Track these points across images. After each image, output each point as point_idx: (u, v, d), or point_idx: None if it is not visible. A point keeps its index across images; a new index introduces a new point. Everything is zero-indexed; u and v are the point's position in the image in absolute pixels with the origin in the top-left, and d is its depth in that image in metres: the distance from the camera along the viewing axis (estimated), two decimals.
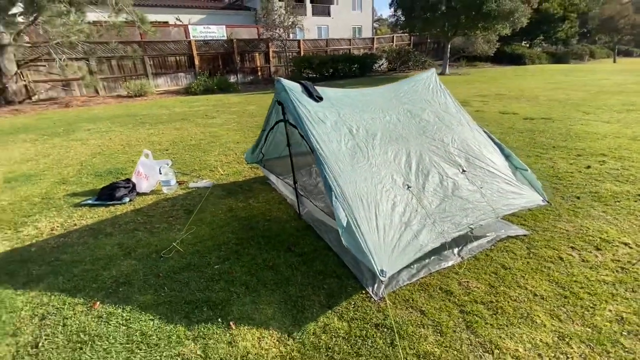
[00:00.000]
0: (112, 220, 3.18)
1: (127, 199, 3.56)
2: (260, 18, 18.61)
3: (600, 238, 2.63)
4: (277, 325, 1.86)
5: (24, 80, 12.14)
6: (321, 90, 2.73)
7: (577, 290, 2.07)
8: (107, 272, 2.39)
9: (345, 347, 1.71)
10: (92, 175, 4.45)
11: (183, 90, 15.81)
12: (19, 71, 11.48)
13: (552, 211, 3.08)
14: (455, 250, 2.50)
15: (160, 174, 3.81)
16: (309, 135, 2.32)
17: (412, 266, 2.31)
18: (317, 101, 2.60)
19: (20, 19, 10.70)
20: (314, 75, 18.94)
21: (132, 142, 6.17)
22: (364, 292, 2.10)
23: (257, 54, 19.18)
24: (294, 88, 2.58)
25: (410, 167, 2.47)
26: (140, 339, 1.78)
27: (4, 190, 3.99)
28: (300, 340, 1.76)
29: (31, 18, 10.37)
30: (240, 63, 18.67)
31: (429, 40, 26.76)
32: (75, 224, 3.13)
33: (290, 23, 18.50)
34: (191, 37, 18.25)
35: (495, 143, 2.97)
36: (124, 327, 1.87)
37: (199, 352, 1.70)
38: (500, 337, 1.75)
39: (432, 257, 2.38)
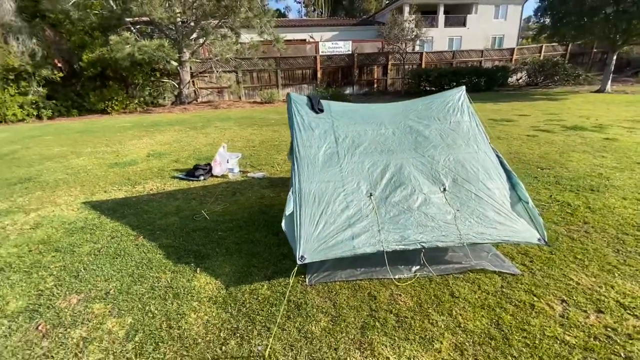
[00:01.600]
0: (184, 190, 4.37)
1: (202, 178, 4.75)
2: (382, 33, 19.18)
3: (617, 301, 2.12)
4: (224, 279, 2.42)
5: (194, 87, 16.33)
6: (327, 103, 3.12)
7: (514, 337, 1.85)
8: (159, 221, 3.44)
9: (254, 306, 2.12)
10: (196, 158, 5.97)
11: None
12: (191, 80, 15.56)
13: (579, 260, 2.56)
14: (414, 268, 2.49)
15: (228, 163, 4.89)
16: (293, 139, 2.78)
17: (357, 269, 2.48)
18: (318, 113, 3.01)
19: (200, 41, 14.53)
20: (432, 89, 18.32)
21: (236, 138, 7.76)
22: (303, 276, 2.43)
23: (375, 67, 19.91)
24: (299, 101, 3.06)
25: (382, 178, 2.60)
26: (145, 262, 2.65)
27: (143, 161, 5.87)
28: (230, 292, 2.27)
29: (202, 40, 13.96)
30: (358, 76, 19.75)
31: (594, 50, 21.87)
32: (164, 189, 4.46)
33: (413, 36, 18.45)
34: (320, 53, 20.46)
35: (505, 170, 2.70)
36: (142, 254, 2.79)
37: (168, 280, 2.43)
38: (383, 344, 1.82)
39: (383, 267, 2.45)
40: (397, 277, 2.40)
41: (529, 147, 6.05)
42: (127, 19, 12.62)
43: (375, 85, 20.26)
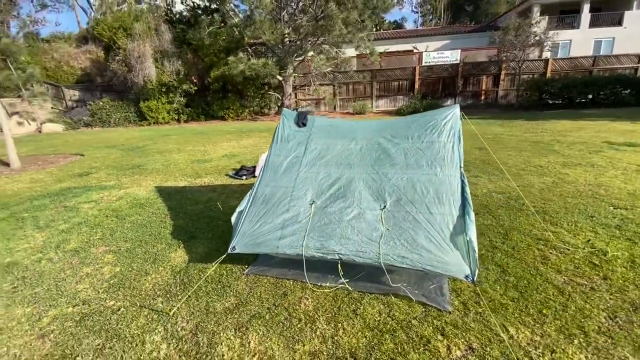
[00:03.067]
0: (225, 186, 5.26)
1: (244, 177, 5.60)
2: (494, 39, 17.27)
3: None
4: (192, 256, 3.02)
5: (295, 99, 18.21)
6: (312, 118, 3.40)
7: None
8: (189, 207, 4.35)
9: (194, 279, 2.63)
10: (255, 161, 6.94)
11: (395, 111, 17.73)
12: (292, 92, 17.44)
13: (541, 316, 2.14)
14: (342, 280, 2.54)
15: None
16: (269, 148, 3.20)
17: (289, 270, 2.69)
18: (300, 127, 3.34)
19: (301, 57, 16.24)
20: (556, 102, 15.46)
21: None
22: (247, 266, 2.81)
23: (484, 77, 18.07)
24: (288, 116, 3.44)
25: (330, 189, 2.76)
26: (155, 234, 3.50)
27: (216, 160, 7.19)
28: (187, 266, 2.85)
29: (302, 57, 15.54)
30: (463, 86, 18.29)
31: None
32: (213, 183, 5.47)
33: (533, 41, 16.00)
34: (423, 63, 19.82)
35: (464, 197, 2.46)
36: (159, 228, 3.66)
37: (159, 249, 3.18)
38: (257, 332, 2.05)
39: (314, 273, 2.60)
40: (319, 284, 2.53)
41: (625, 180, 4.76)
42: (248, 42, 15.20)
43: (483, 97, 18.36)
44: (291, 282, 2.58)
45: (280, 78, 15.90)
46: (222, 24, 14.49)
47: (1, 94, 15.15)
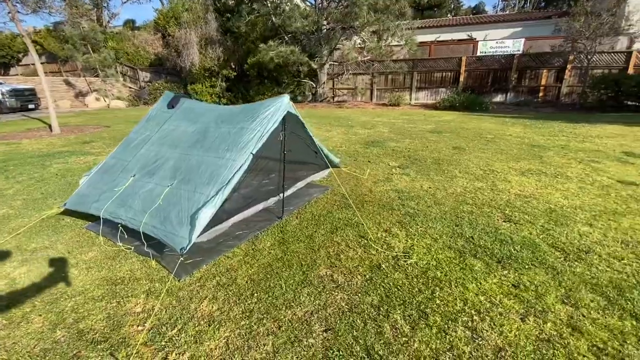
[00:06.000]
0: None
1: None
2: (559, 27, 14.81)
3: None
4: (65, 210, 3.70)
5: (330, 87, 18.31)
6: (183, 101, 3.74)
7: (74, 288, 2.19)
8: None
9: (46, 224, 3.29)
10: None
11: (433, 104, 16.61)
12: (326, 81, 17.57)
13: (266, 313, 2.25)
14: (136, 242, 2.89)
15: None
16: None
17: (110, 229, 3.15)
18: (170, 109, 3.72)
19: (333, 45, 16.20)
20: (636, 103, 12.79)
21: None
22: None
23: (544, 71, 15.72)
24: (165, 97, 3.84)
25: (151, 165, 3.12)
26: (67, 192, 4.30)
27: None
28: (53, 216, 3.53)
29: (334, 45, 15.53)
30: (517, 81, 16.21)
31: None
32: None
33: (608, 29, 13.31)
34: (478, 53, 18.09)
35: (227, 182, 2.59)
36: (74, 188, 4.46)
37: (52, 203, 3.95)
38: (32, 267, 2.59)
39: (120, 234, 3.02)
40: (117, 242, 2.93)
41: (572, 196, 4.07)
42: (286, 29, 15.77)
43: (541, 94, 16.00)
44: (100, 239, 3.04)
45: (315, 66, 16.15)
46: (259, 12, 15.27)
47: (84, 74, 18.52)
